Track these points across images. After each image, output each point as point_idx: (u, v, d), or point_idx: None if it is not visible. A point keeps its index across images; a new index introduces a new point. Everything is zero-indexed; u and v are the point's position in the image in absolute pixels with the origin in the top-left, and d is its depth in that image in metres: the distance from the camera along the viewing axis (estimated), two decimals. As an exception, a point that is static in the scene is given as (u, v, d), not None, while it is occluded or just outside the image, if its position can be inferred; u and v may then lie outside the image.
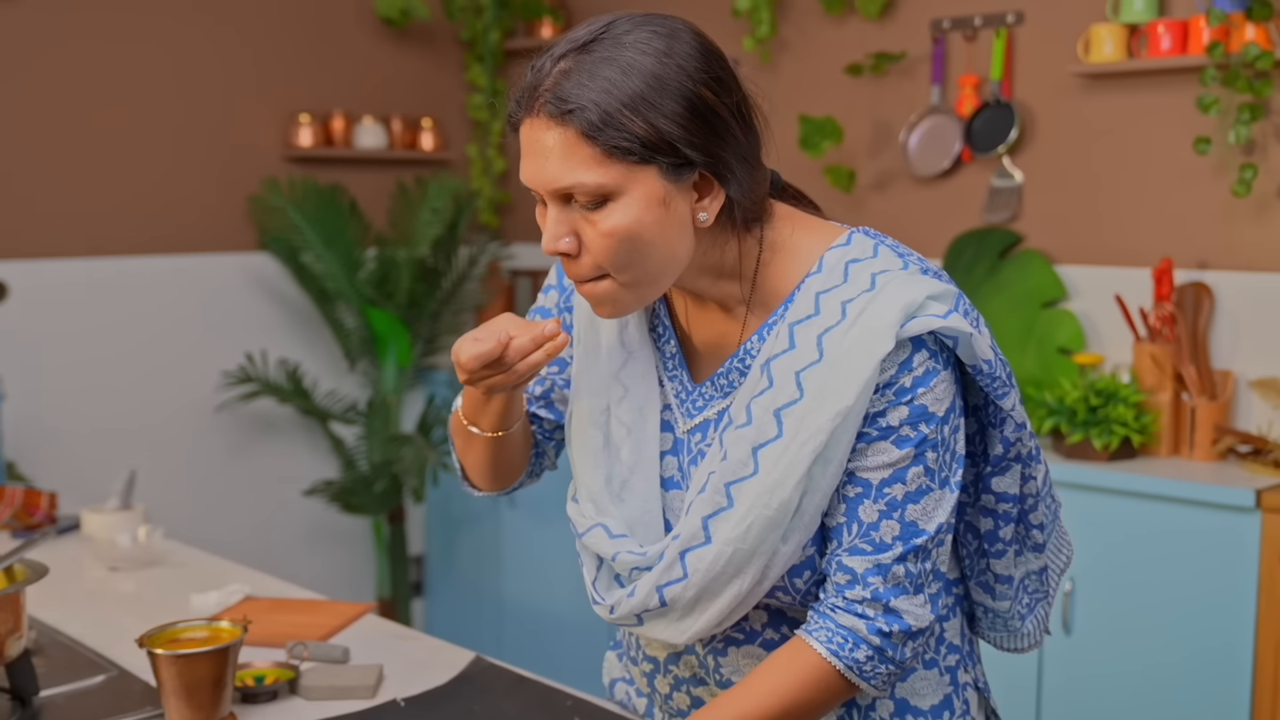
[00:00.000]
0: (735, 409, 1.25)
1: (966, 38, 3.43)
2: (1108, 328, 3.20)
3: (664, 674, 1.41)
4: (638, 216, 1.17)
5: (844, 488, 1.23)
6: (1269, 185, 2.97)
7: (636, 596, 1.28)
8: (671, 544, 1.26)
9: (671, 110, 1.15)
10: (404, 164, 4.38)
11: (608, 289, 1.21)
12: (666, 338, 1.34)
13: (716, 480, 1.24)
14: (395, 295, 4.02)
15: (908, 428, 1.21)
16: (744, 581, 1.24)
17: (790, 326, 1.23)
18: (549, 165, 1.17)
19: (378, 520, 4.13)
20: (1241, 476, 2.75)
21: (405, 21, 4.24)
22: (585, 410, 1.33)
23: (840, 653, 1.23)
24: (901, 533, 1.22)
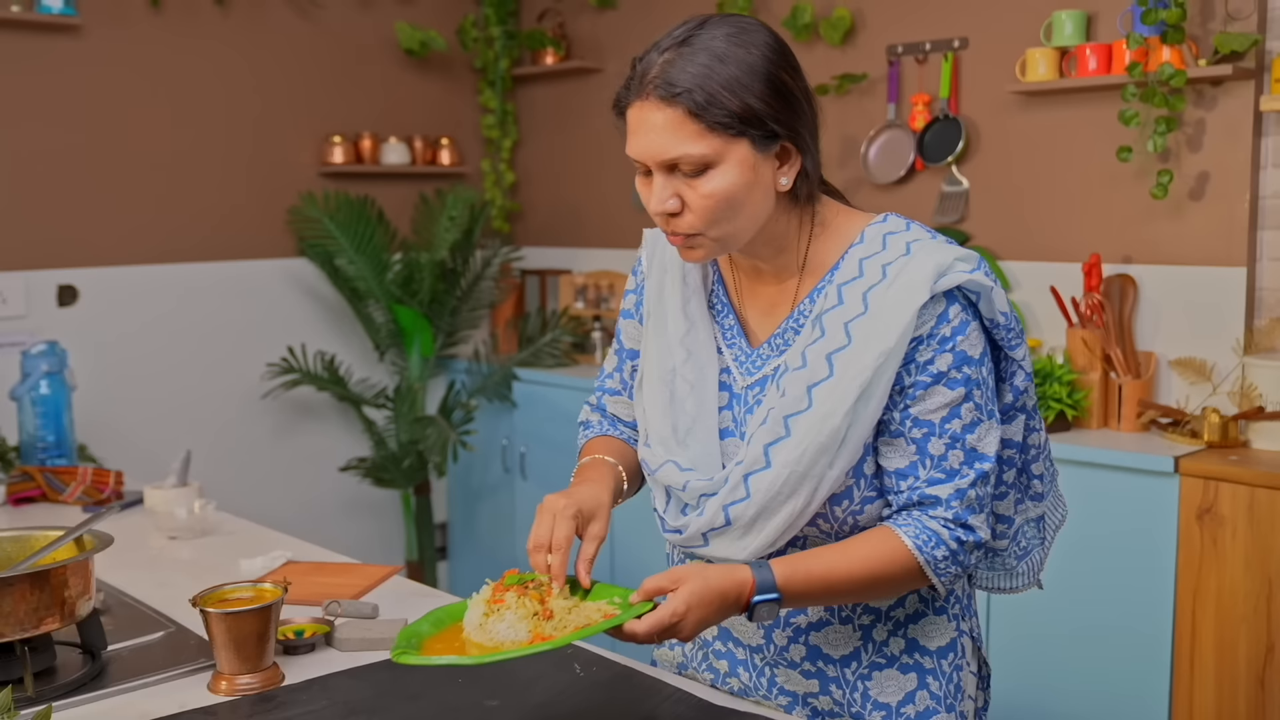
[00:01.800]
0: (791, 356, 1.31)
1: (918, 61, 3.44)
2: (1044, 315, 3.20)
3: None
4: (734, 181, 1.24)
5: (910, 432, 1.29)
6: (1183, 188, 2.98)
7: (705, 515, 1.32)
8: (735, 469, 1.31)
9: (760, 91, 1.23)
10: (425, 178, 4.39)
11: (701, 242, 1.28)
12: (725, 313, 1.40)
13: (776, 414, 1.29)
14: (419, 294, 4.03)
15: (954, 371, 1.27)
16: (796, 502, 1.28)
17: (839, 287, 1.30)
18: (659, 139, 1.24)
19: (406, 492, 4.14)
20: (1162, 445, 2.76)
21: (425, 52, 4.24)
22: (655, 370, 1.39)
23: (924, 548, 1.28)
24: (966, 458, 1.29)
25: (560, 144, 4.48)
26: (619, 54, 4.23)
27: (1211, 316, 2.95)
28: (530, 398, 3.99)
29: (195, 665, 1.55)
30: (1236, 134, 2.89)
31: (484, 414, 4.12)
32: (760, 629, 1.40)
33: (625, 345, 1.52)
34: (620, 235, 4.29)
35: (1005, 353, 1.33)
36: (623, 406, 1.54)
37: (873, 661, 1.38)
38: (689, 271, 1.41)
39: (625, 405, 1.54)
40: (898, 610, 1.38)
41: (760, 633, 1.40)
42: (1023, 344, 1.33)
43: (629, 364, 1.52)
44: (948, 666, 1.39)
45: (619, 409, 1.55)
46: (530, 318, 4.14)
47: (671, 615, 1.19)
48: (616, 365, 1.54)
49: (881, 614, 1.38)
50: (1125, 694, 2.68)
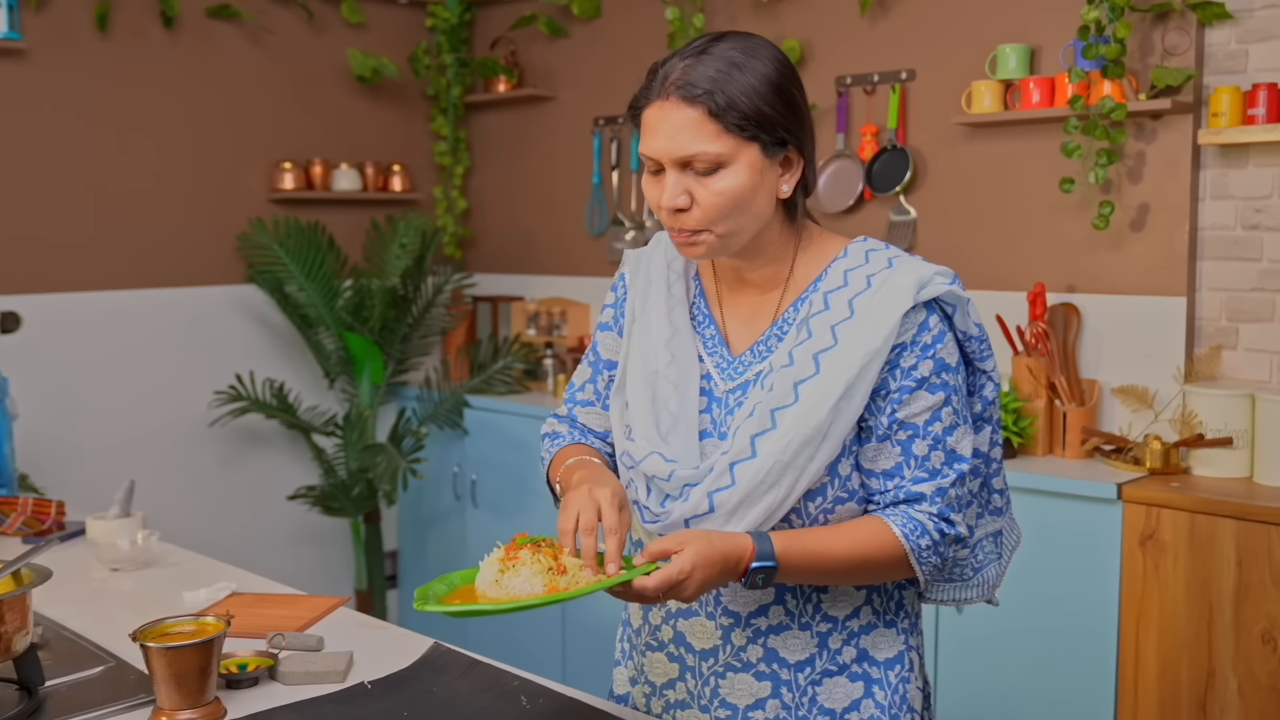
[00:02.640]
0: (777, 357, 1.39)
1: (866, 92, 3.48)
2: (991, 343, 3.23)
3: (660, 607, 1.48)
4: (743, 181, 1.33)
5: (896, 435, 1.37)
6: (1124, 219, 3.03)
7: (690, 501, 1.37)
8: (721, 458, 1.37)
9: (772, 99, 1.33)
10: (376, 204, 4.38)
11: (705, 238, 1.36)
12: (706, 324, 1.48)
13: (763, 408, 1.36)
14: (369, 320, 4.02)
15: (935, 376, 1.36)
16: (778, 492, 1.34)
17: (825, 294, 1.39)
18: (678, 137, 1.32)
19: (355, 521, 4.11)
20: (1106, 472, 2.80)
21: (377, 79, 4.24)
22: (639, 371, 1.46)
23: (910, 536, 1.36)
24: (946, 459, 1.37)
25: (513, 171, 4.49)
26: (571, 82, 4.26)
27: (1153, 345, 3.00)
28: (481, 425, 3.98)
29: (135, 701, 1.53)
30: (1176, 166, 2.95)
31: (435, 441, 4.10)
32: (719, 630, 1.44)
33: (603, 356, 1.57)
34: (573, 262, 4.30)
35: (975, 364, 1.42)
36: (595, 418, 1.58)
37: (825, 668, 1.43)
38: (673, 283, 1.49)
39: (598, 416, 1.57)
40: (853, 620, 1.44)
41: (718, 634, 1.44)
42: (992, 357, 1.43)
43: (605, 375, 1.57)
44: (894, 678, 1.45)
45: (591, 420, 1.58)
46: (482, 345, 4.13)
47: (679, 573, 1.24)
48: (590, 377, 1.59)
49: (838, 623, 1.43)
50: (1071, 718, 2.71)
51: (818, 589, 1.42)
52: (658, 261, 1.52)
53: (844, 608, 1.43)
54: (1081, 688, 2.70)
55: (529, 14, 4.26)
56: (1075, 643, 2.71)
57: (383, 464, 3.79)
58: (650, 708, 1.52)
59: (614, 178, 4.13)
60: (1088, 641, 2.69)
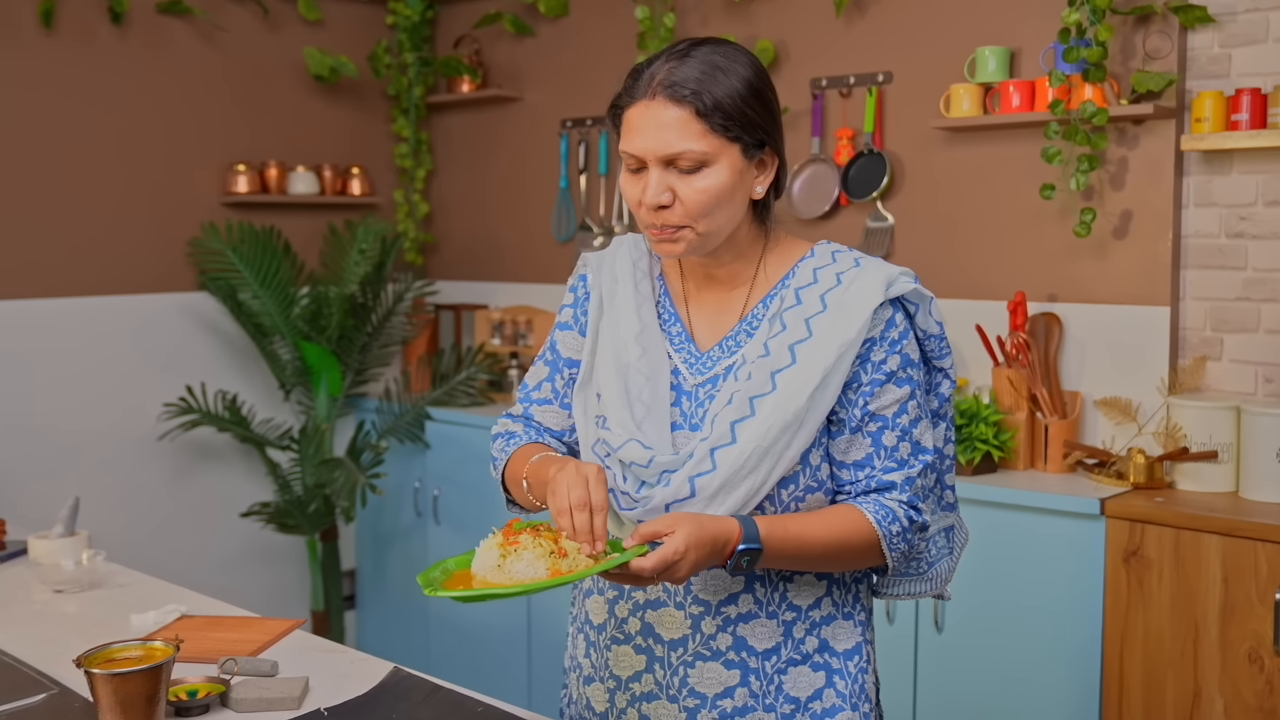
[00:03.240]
0: (750, 349, 1.50)
1: (842, 95, 3.50)
2: (970, 354, 3.26)
3: (626, 599, 1.56)
4: (724, 181, 1.44)
5: (867, 426, 1.49)
6: (1106, 226, 3.06)
7: (671, 486, 1.46)
8: (700, 444, 1.46)
9: (754, 103, 1.45)
10: (334, 208, 4.37)
11: (685, 235, 1.46)
12: (672, 321, 1.58)
13: (741, 396, 1.47)
14: (327, 330, 4.00)
15: (902, 371, 1.50)
16: (756, 478, 1.45)
17: (795, 290, 1.52)
18: (664, 135, 1.42)
19: (311, 539, 4.09)
20: (1088, 487, 2.82)
21: (335, 78, 4.23)
22: (610, 363, 1.55)
23: (882, 522, 1.48)
24: (913, 450, 1.51)
25: (476, 174, 4.48)
26: (537, 82, 4.26)
27: (1136, 356, 3.03)
28: (444, 439, 3.96)
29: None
30: (1158, 173, 2.98)
31: (395, 456, 4.09)
32: (688, 619, 1.52)
33: (563, 355, 1.64)
34: (539, 269, 4.30)
35: (933, 363, 1.56)
36: (553, 416, 1.64)
37: (790, 657, 1.53)
38: (639, 281, 1.59)
39: (555, 415, 1.64)
40: (815, 611, 1.55)
41: (688, 623, 1.52)
42: (950, 355, 1.56)
43: (565, 373, 1.64)
44: (853, 668, 1.56)
45: (548, 418, 1.65)
46: (444, 355, 4.12)
47: (674, 553, 1.32)
48: (547, 376, 1.65)
49: (802, 611, 1.54)
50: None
51: (785, 579, 1.52)
52: (623, 261, 1.62)
53: (807, 597, 1.54)
54: (1065, 707, 2.71)
55: (494, 12, 4.25)
56: (1058, 661, 2.72)
57: (340, 479, 3.77)
58: (614, 703, 1.57)
59: (582, 182, 4.13)
60: (1071, 660, 2.71)
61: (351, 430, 4.26)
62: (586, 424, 1.55)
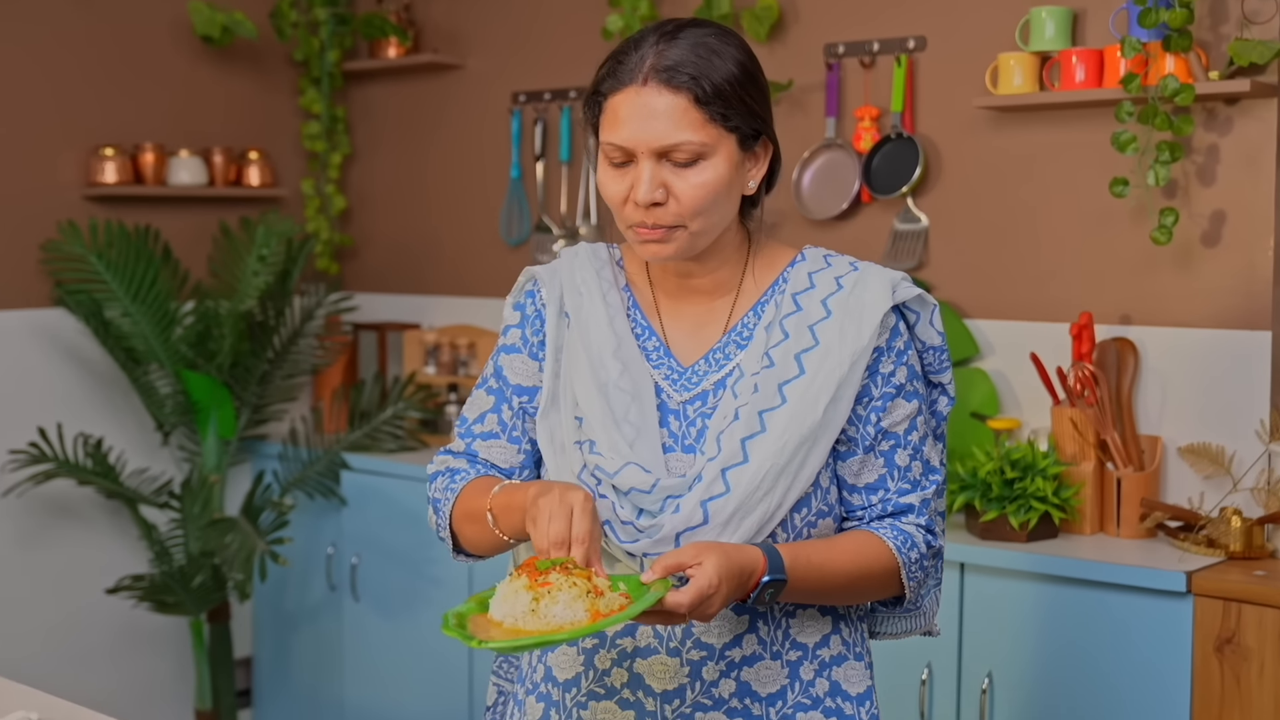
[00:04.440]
0: (747, 361, 1.65)
1: (864, 65, 3.50)
2: (1023, 389, 3.27)
3: (609, 648, 1.66)
4: (722, 174, 1.60)
5: (880, 445, 1.67)
6: (1193, 231, 3.07)
7: (681, 513, 1.60)
8: (709, 465, 1.61)
9: (754, 91, 1.62)
10: (227, 203, 4.34)
11: (679, 235, 1.61)
12: (645, 335, 1.73)
13: (749, 410, 1.62)
14: (217, 356, 3.98)
15: (909, 384, 1.68)
16: (771, 500, 1.60)
17: (792, 296, 1.68)
18: (658, 125, 1.57)
19: (197, 620, 4.06)
20: (1171, 556, 2.82)
21: (228, 40, 4.21)
22: (589, 381, 1.67)
23: (902, 548, 1.66)
24: (924, 470, 1.70)
25: (406, 160, 4.47)
26: (483, 46, 4.25)
27: (1230, 392, 3.03)
28: (364, 492, 3.94)
29: None
30: (1257, 164, 3.00)
31: (303, 514, 4.06)
32: (685, 666, 1.63)
33: (511, 382, 1.75)
34: (484, 279, 4.30)
35: (931, 377, 1.73)
36: (500, 452, 1.75)
37: (798, 702, 1.66)
38: (607, 293, 1.73)
39: (503, 450, 1.75)
40: (823, 650, 1.69)
41: (685, 671, 1.63)
42: (950, 369, 1.74)
43: (515, 403, 1.75)
44: (865, 715, 1.70)
45: (495, 454, 1.75)
46: (365, 387, 4.10)
47: (709, 586, 1.47)
48: (493, 406, 1.76)
49: (808, 650, 1.68)
50: None
51: (787, 614, 1.67)
52: (584, 272, 1.75)
53: (813, 634, 1.68)
54: (1143, 836, 2.71)
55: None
56: (1135, 778, 2.72)
57: (233, 545, 3.75)
58: None
59: (538, 171, 4.12)
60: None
61: (248, 483, 4.23)
62: (559, 455, 1.68)
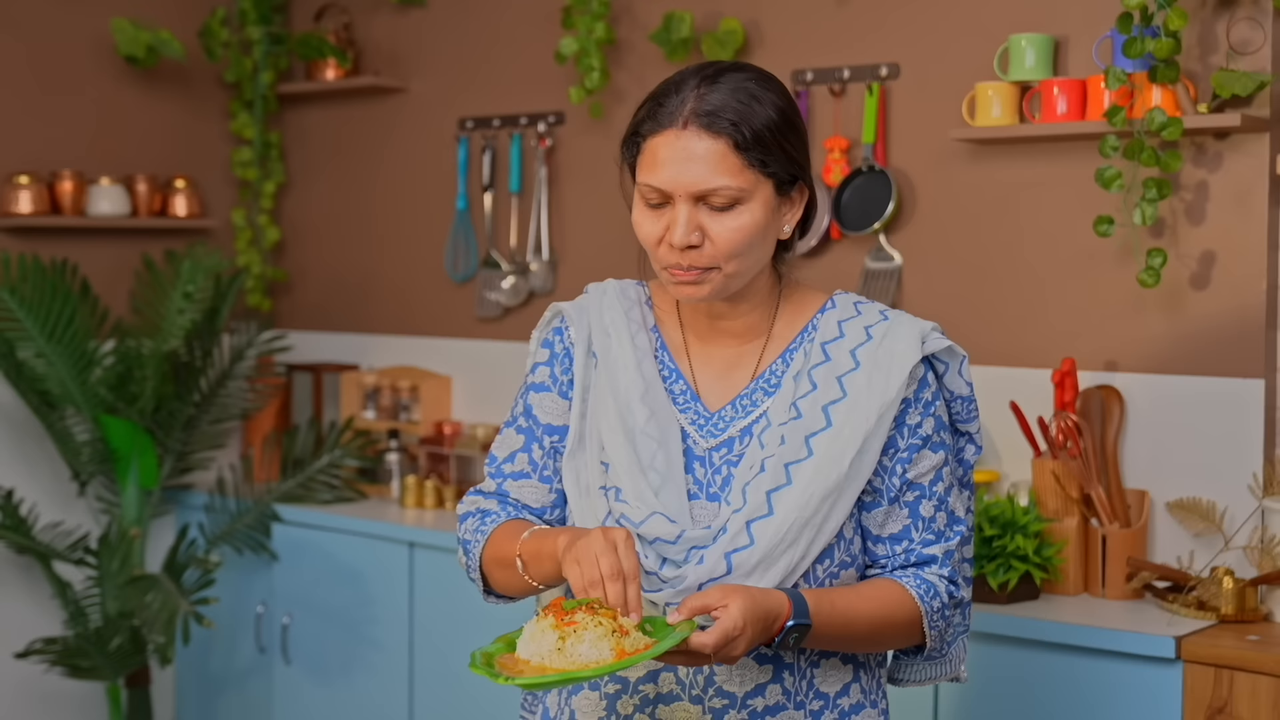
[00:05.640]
0: (775, 411, 1.79)
1: (834, 93, 3.52)
2: (1003, 440, 3.26)
3: (631, 694, 1.78)
4: (759, 219, 1.74)
5: (904, 496, 1.81)
6: (1181, 273, 3.07)
7: (706, 564, 1.73)
8: (734, 516, 1.74)
9: (789, 135, 1.75)
10: (151, 234, 4.33)
11: (714, 277, 1.75)
12: (673, 379, 1.86)
13: (775, 462, 1.75)
14: (139, 399, 3.97)
15: (936, 435, 1.82)
16: (795, 552, 1.73)
17: (821, 345, 1.81)
18: (698, 169, 1.71)
19: (114, 686, 4.02)
20: (1160, 619, 2.82)
21: (153, 60, 4.20)
22: (616, 426, 1.80)
23: (924, 598, 1.79)
24: (949, 521, 1.83)
25: (344, 190, 4.47)
26: (427, 68, 4.26)
27: (1222, 444, 3.04)
28: (297, 547, 3.93)
29: None
30: (1248, 202, 3.01)
31: (230, 571, 4.04)
32: (708, 715, 1.75)
33: (542, 421, 1.88)
34: (427, 316, 4.29)
35: (959, 427, 1.87)
36: (532, 492, 1.88)
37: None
38: (635, 334, 1.86)
39: (536, 490, 1.88)
40: (843, 699, 1.81)
41: (707, 718, 1.75)
42: (978, 418, 1.88)
43: (547, 442, 1.88)
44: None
45: (527, 494, 1.88)
46: (299, 433, 4.10)
47: (735, 628, 1.59)
48: (523, 446, 1.89)
49: (829, 700, 1.81)
50: None
51: (812, 664, 1.79)
52: (613, 311, 1.88)
53: (835, 683, 1.81)
54: None
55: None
56: None
57: (155, 605, 3.72)
58: None
59: (486, 202, 4.13)
60: None
61: (171, 537, 4.20)
62: (584, 497, 1.81)
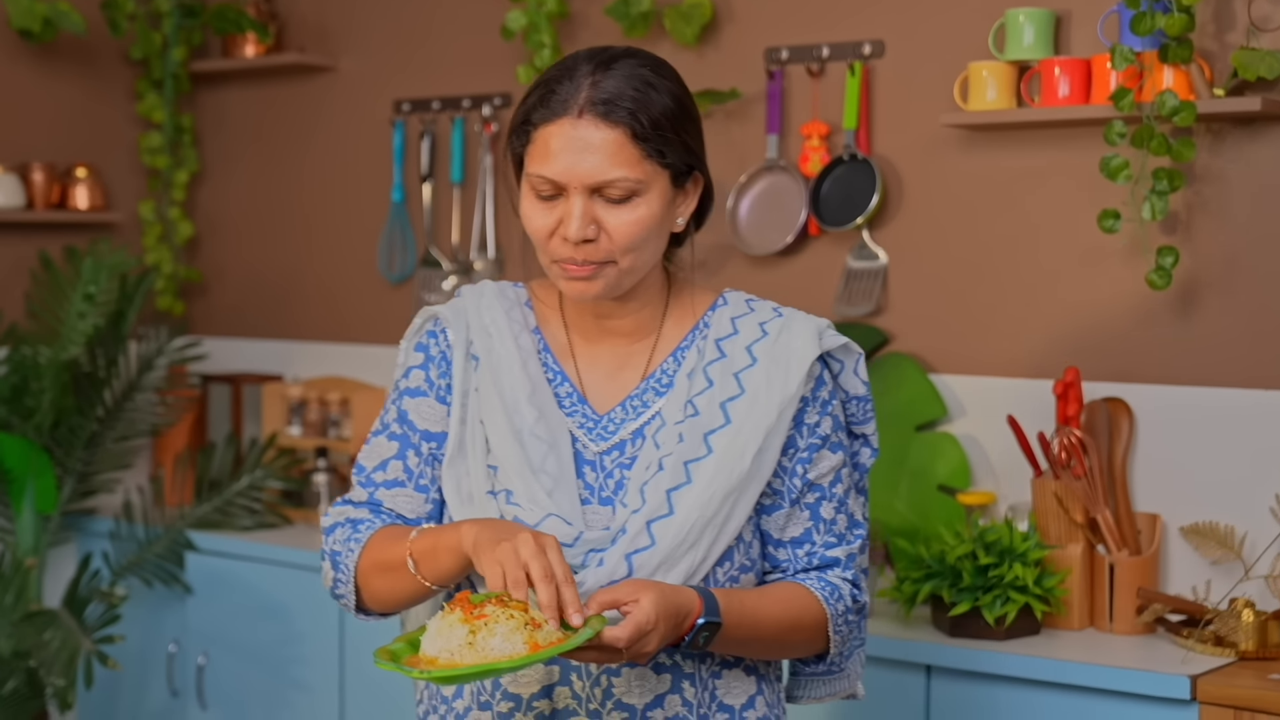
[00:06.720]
0: (669, 410, 1.87)
1: (812, 74, 3.50)
2: (1000, 458, 3.27)
3: (525, 711, 1.84)
4: (655, 211, 1.81)
5: (805, 497, 1.90)
6: (1195, 273, 3.08)
7: (605, 566, 1.80)
8: (633, 517, 1.82)
9: (688, 125, 1.84)
10: (47, 229, 4.33)
11: (608, 271, 1.82)
12: (558, 381, 1.93)
13: (674, 461, 1.83)
14: (35, 414, 3.97)
15: (834, 435, 1.92)
16: (696, 553, 1.82)
17: (716, 342, 1.90)
18: (594, 160, 1.77)
19: (9, 733, 3.97)
20: (1173, 656, 2.82)
21: (50, 35, 4.19)
22: (504, 427, 1.87)
23: (830, 599, 1.88)
24: (849, 524, 1.94)
25: (266, 180, 4.47)
26: (359, 45, 4.25)
27: (1240, 462, 3.05)
28: (214, 578, 3.92)
29: None
30: (1269, 195, 3.02)
31: (139, 606, 4.03)
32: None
33: (420, 427, 1.94)
34: (360, 321, 4.30)
35: (854, 429, 1.97)
36: (407, 501, 1.93)
37: None
38: (519, 335, 1.93)
39: (411, 500, 1.93)
40: (749, 712, 1.90)
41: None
42: (874, 419, 1.98)
43: (425, 448, 1.93)
44: None
45: (402, 504, 1.93)
46: (216, 451, 4.12)
47: (647, 621, 1.66)
48: (397, 453, 1.94)
49: (734, 713, 1.89)
50: None
51: (714, 674, 1.87)
52: (493, 312, 1.95)
53: (739, 695, 1.89)
54: None
55: (293, -60, 4.26)
56: None
57: (54, 644, 3.71)
58: None
59: (425, 193, 4.14)
60: None
61: (72, 568, 4.18)
62: (467, 505, 1.87)
